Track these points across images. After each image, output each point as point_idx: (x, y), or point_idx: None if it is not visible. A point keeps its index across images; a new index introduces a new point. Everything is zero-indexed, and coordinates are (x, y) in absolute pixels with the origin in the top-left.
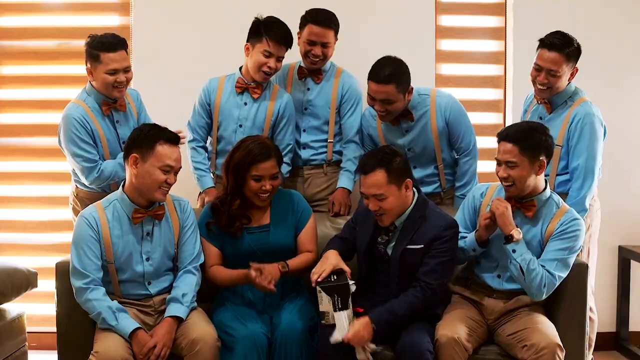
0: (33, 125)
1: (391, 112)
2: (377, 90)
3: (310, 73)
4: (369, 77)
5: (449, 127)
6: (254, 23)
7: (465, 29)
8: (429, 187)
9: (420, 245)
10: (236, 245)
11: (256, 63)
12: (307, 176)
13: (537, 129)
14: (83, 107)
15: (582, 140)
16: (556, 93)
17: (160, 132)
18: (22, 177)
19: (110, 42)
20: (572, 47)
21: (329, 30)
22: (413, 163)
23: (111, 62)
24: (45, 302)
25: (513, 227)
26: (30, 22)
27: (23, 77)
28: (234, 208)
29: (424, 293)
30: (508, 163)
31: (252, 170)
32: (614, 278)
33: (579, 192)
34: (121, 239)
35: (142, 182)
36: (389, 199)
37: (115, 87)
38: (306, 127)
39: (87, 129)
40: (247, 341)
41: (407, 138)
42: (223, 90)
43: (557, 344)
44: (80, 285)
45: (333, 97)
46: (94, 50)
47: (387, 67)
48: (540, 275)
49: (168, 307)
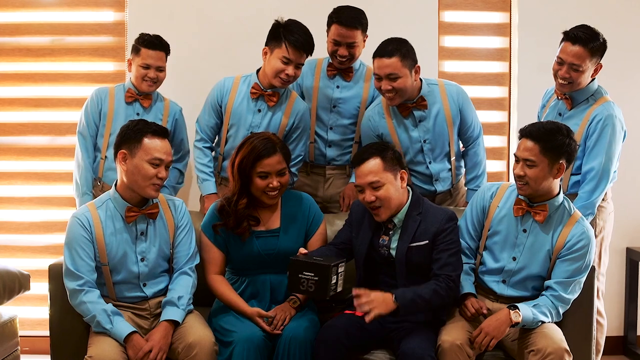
0: (26, 123)
1: (399, 90)
2: (380, 65)
3: (341, 70)
4: (373, 55)
5: (461, 113)
6: (274, 26)
7: (469, 25)
8: (444, 184)
9: (425, 241)
10: (244, 249)
11: (274, 69)
12: (329, 176)
13: (561, 130)
14: (109, 89)
15: (601, 142)
16: (578, 89)
17: (147, 126)
18: (14, 177)
19: (153, 41)
20: (597, 42)
21: (355, 30)
22: (428, 158)
23: (147, 57)
24: (38, 305)
25: (506, 330)
26: (23, 18)
27: (16, 74)
28: (241, 208)
29: (447, 283)
30: (526, 161)
31: (257, 167)
32: (622, 281)
33: (591, 195)
34: (115, 238)
35: (133, 178)
36: (385, 187)
37: (145, 80)
38: (333, 124)
39: (97, 106)
40: (246, 343)
41: (421, 129)
42: (237, 92)
43: (564, 349)
44: (74, 287)
45: (364, 98)
46: (137, 45)
47: (390, 43)
48: (555, 312)
49: (164, 311)
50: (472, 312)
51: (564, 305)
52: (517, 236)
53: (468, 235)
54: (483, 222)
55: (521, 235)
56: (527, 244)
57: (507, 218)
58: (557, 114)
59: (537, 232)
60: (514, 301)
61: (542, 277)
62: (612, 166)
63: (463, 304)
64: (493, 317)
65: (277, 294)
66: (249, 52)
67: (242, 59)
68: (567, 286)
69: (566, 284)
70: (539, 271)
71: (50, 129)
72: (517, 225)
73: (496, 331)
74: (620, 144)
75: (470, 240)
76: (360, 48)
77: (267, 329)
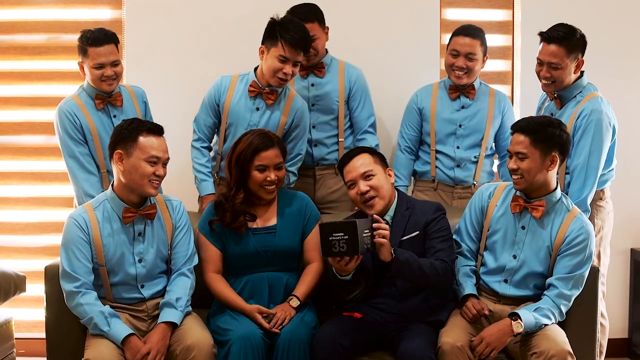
0: (22, 123)
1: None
2: (463, 43)
3: (312, 68)
4: (455, 33)
5: (503, 120)
6: (269, 24)
7: (471, 23)
8: (464, 174)
9: (416, 232)
10: (240, 246)
11: (271, 68)
12: (319, 177)
13: (552, 122)
14: (75, 100)
15: (586, 137)
16: (564, 87)
17: (142, 124)
18: (9, 177)
19: (97, 36)
20: (573, 38)
21: (311, 23)
22: (457, 143)
23: (97, 56)
24: (34, 307)
25: (507, 340)
26: (18, 16)
27: (11, 72)
28: (238, 202)
29: (443, 265)
30: (518, 154)
31: (255, 160)
32: (626, 282)
33: (580, 192)
34: (112, 239)
35: (130, 177)
36: (377, 177)
37: (103, 80)
38: (315, 123)
39: (75, 123)
40: (243, 341)
41: (462, 114)
42: (235, 91)
43: (567, 351)
44: (71, 289)
45: (341, 91)
46: (83, 45)
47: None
48: (558, 311)
49: (162, 313)
50: (473, 313)
51: (566, 303)
52: (516, 233)
53: (468, 237)
54: (482, 223)
55: (520, 232)
56: (526, 241)
57: (505, 216)
58: (550, 114)
59: (536, 228)
60: (516, 301)
61: (543, 275)
62: (599, 162)
63: (464, 306)
64: (495, 327)
65: (275, 292)
66: (248, 50)
67: (241, 57)
68: (568, 282)
69: (567, 279)
70: (539, 269)
71: (46, 128)
72: (515, 222)
73: (497, 342)
74: (607, 140)
75: (470, 242)
76: (323, 40)
77: (266, 326)
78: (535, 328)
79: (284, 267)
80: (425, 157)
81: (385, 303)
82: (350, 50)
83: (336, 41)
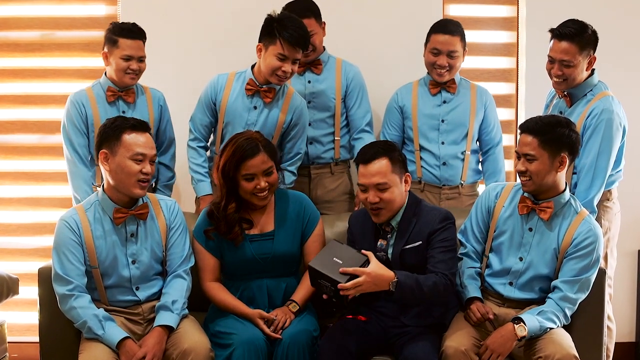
0: (14, 121)
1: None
2: (443, 41)
3: (309, 65)
4: (434, 30)
5: (485, 113)
6: (267, 21)
7: (475, 19)
8: (450, 172)
9: (419, 242)
10: (237, 254)
11: (270, 67)
12: (314, 176)
13: (560, 122)
14: (87, 92)
15: (596, 136)
16: (575, 85)
17: (125, 121)
18: (2, 177)
19: (131, 29)
20: (585, 35)
21: (307, 19)
22: (442, 138)
23: (128, 48)
24: (27, 310)
25: (512, 345)
26: (11, 12)
27: (4, 70)
28: (231, 212)
29: (444, 280)
30: (527, 156)
31: (241, 169)
32: (634, 285)
33: (587, 193)
34: (104, 241)
35: (117, 177)
36: (390, 190)
37: (127, 73)
38: (311, 120)
39: (81, 113)
40: (246, 345)
41: (444, 108)
42: (231, 90)
43: (573, 355)
44: (64, 292)
45: (337, 88)
46: (113, 35)
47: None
48: (563, 314)
49: (158, 316)
50: (477, 317)
51: (571, 306)
52: (523, 235)
53: (474, 237)
54: (488, 224)
55: (527, 234)
56: (533, 243)
57: (512, 218)
58: (559, 112)
59: (543, 230)
60: (521, 304)
61: (549, 278)
62: (608, 163)
63: (468, 309)
64: (498, 333)
65: (274, 298)
66: (246, 47)
67: (238, 55)
68: (574, 285)
69: (573, 282)
70: (545, 271)
71: (40, 127)
72: (522, 224)
73: (502, 348)
74: (617, 140)
75: (476, 243)
76: (320, 36)
77: (267, 332)
78: (540, 332)
79: (283, 272)
80: (410, 156)
81: (387, 307)
82: (349, 46)
83: (335, 37)
